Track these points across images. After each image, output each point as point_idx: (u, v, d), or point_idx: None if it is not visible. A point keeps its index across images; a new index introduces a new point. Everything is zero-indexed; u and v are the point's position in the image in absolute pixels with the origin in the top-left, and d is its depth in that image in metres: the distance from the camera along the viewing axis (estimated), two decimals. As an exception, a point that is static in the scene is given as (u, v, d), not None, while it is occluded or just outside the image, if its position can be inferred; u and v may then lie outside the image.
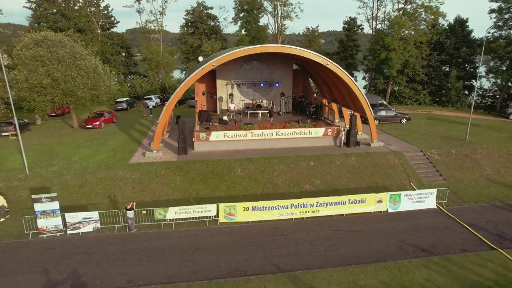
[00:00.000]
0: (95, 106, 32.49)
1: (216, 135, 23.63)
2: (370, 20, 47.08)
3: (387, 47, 40.17)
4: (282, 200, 17.20)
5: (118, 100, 43.39)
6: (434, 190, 18.48)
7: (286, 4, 49.49)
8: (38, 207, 15.16)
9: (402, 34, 40.59)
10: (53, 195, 15.37)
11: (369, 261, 13.70)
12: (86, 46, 31.28)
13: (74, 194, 18.80)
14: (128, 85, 52.22)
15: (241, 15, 51.35)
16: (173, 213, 16.35)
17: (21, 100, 29.18)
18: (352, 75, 55.02)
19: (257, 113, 29.13)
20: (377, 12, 46.09)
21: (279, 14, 51.13)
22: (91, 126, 31.24)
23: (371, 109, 24.21)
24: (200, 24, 56.48)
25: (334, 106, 31.26)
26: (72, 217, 15.60)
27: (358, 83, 58.77)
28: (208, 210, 16.56)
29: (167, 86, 53.71)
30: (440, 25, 44.88)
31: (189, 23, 57.81)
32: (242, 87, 30.70)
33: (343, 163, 22.21)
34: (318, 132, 24.76)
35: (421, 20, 41.15)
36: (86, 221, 15.75)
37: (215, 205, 16.63)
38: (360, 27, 50.33)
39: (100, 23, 54.15)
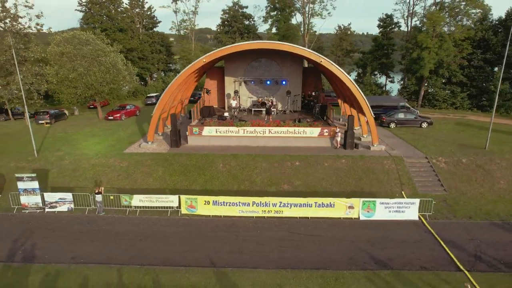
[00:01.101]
0: (115, 99, 35.07)
1: (209, 130, 24.04)
2: (406, 16, 43.70)
3: (420, 45, 36.94)
4: (243, 197, 16.97)
5: (148, 95, 46.18)
6: (417, 200, 16.69)
7: (315, 2, 48.07)
8: (20, 185, 16.99)
9: (441, 30, 36.94)
10: (33, 175, 17.10)
11: (308, 268, 12.94)
12: (111, 43, 33.85)
13: (67, 177, 20.61)
14: (163, 81, 55.23)
15: (272, 13, 51.16)
16: (138, 200, 17.11)
17: (52, 92, 32.69)
18: (388, 76, 51.73)
19: (261, 110, 28.93)
20: (413, 8, 42.62)
21: (307, 12, 49.88)
22: (112, 118, 33.81)
23: (370, 109, 22.62)
24: (235, 23, 57.54)
25: (346, 106, 29.73)
26: (50, 197, 17.19)
27: (394, 84, 55.01)
28: (170, 200, 17.03)
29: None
30: (489, 20, 39.95)
31: (225, 22, 59.24)
32: (249, 84, 30.71)
33: (331, 165, 21.10)
34: (313, 132, 23.84)
35: (463, 15, 37.07)
36: (62, 201, 17.23)
37: (177, 196, 17.03)
38: (397, 25, 46.86)
39: (143, 23, 58.07)
